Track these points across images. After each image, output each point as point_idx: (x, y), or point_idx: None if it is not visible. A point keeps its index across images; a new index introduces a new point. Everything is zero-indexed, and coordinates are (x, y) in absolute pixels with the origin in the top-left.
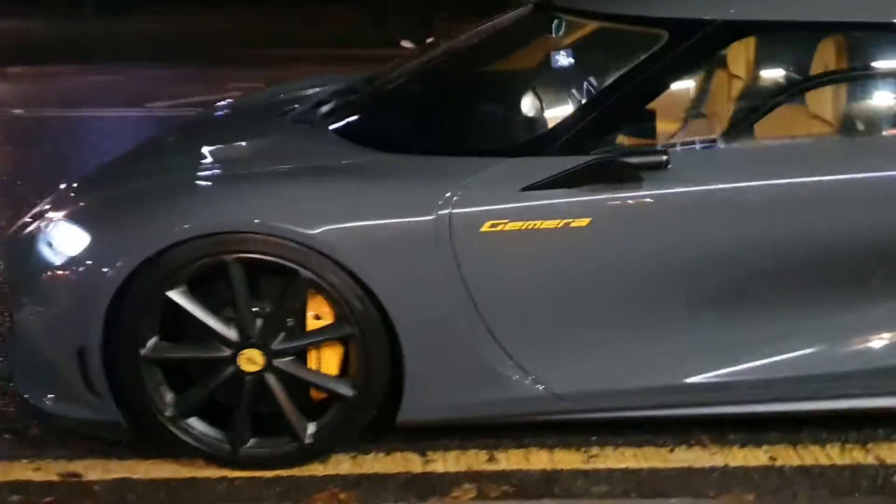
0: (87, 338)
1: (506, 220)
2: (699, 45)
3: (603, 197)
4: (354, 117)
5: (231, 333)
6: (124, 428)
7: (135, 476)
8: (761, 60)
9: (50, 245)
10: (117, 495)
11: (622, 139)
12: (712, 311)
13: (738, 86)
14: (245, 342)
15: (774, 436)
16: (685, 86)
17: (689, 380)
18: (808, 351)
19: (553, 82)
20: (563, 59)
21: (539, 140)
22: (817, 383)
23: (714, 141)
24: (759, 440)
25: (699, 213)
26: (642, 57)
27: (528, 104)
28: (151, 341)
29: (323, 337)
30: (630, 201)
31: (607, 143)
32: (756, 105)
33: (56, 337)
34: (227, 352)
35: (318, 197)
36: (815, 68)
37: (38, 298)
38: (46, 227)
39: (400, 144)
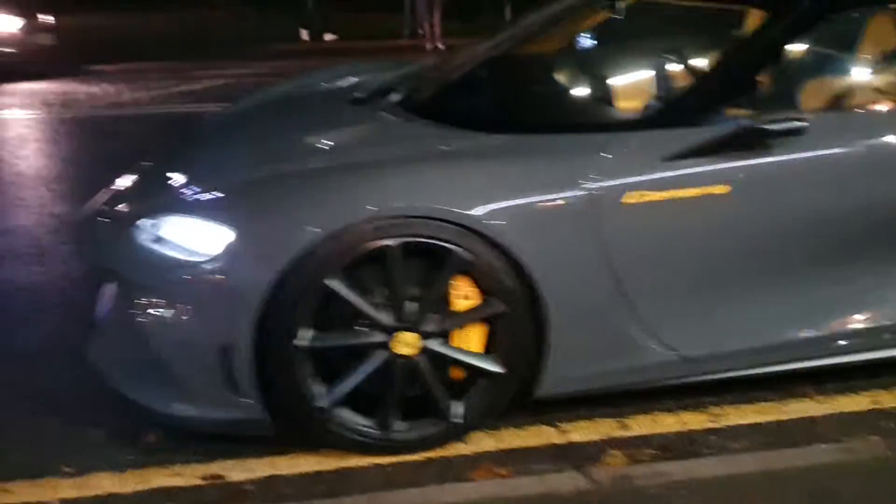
0: (235, 335)
1: (646, 191)
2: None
3: (743, 164)
4: (454, 102)
5: (385, 318)
6: (268, 424)
7: (281, 472)
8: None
9: (164, 242)
10: (273, 493)
11: (749, 108)
12: (830, 267)
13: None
14: (400, 326)
15: (864, 383)
16: (808, 55)
17: (805, 334)
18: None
19: (670, 57)
20: (675, 36)
21: (673, 111)
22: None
23: (841, 108)
24: (853, 388)
25: (833, 176)
26: (762, 29)
27: (656, 78)
28: (305, 332)
29: (476, 316)
30: (770, 167)
31: (735, 111)
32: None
33: (195, 338)
34: (381, 337)
35: (468, 179)
36: None
37: (168, 299)
38: (153, 224)
39: (517, 126)
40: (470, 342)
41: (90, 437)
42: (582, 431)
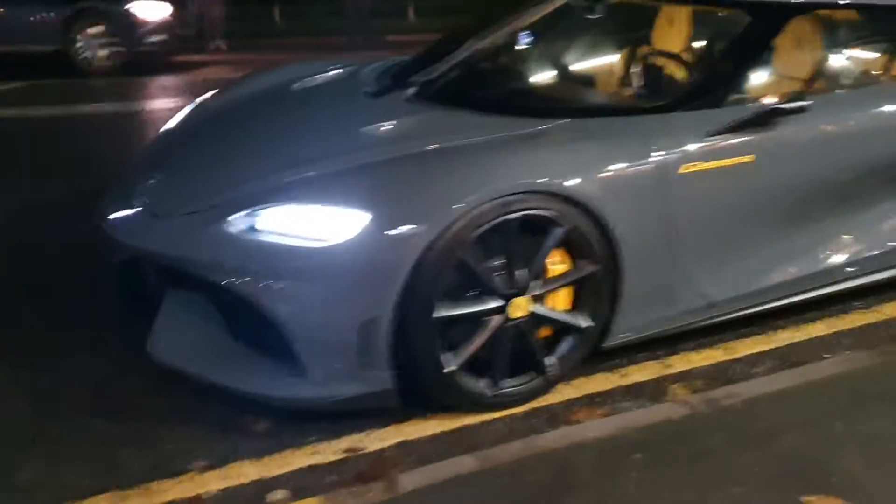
0: (378, 312)
1: (696, 162)
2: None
3: (763, 137)
4: (494, 92)
5: (502, 286)
6: (395, 395)
7: (410, 437)
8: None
9: (270, 232)
10: (413, 455)
11: (759, 92)
12: (828, 211)
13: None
14: (513, 292)
15: (861, 302)
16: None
17: (818, 267)
18: (872, 235)
19: (697, 50)
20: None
21: (701, 96)
22: (879, 258)
23: (832, 89)
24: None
25: (827, 143)
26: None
27: (691, 67)
28: (441, 304)
29: (570, 278)
30: (783, 138)
31: (751, 96)
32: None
33: (334, 318)
34: (499, 303)
35: (564, 157)
36: None
37: (300, 286)
38: (248, 216)
39: (568, 112)
40: (559, 302)
41: (200, 433)
42: (637, 374)
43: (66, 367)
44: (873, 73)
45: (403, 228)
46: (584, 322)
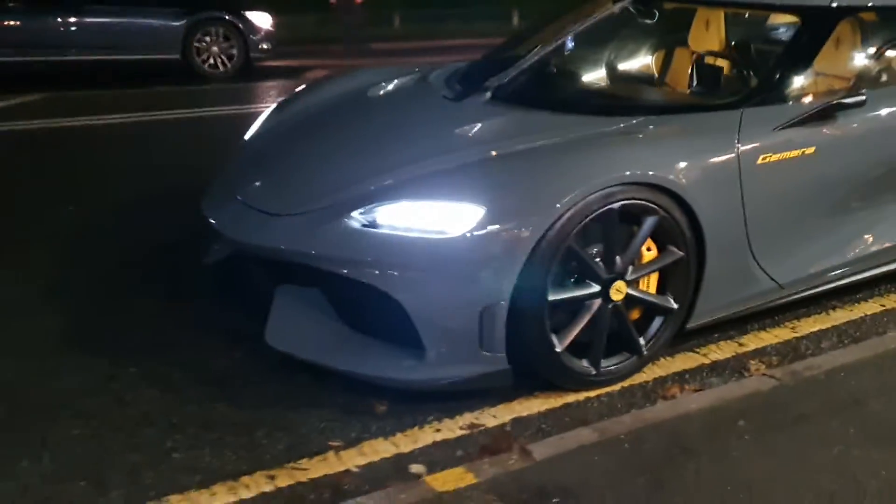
0: (497, 297)
1: (771, 153)
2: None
3: (823, 129)
4: (567, 93)
5: (603, 271)
6: (509, 374)
7: (522, 414)
8: None
9: (389, 226)
10: (532, 430)
11: (815, 88)
12: (878, 198)
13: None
14: (613, 277)
15: None
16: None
17: (871, 249)
18: None
19: (760, 53)
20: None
21: (772, 95)
22: None
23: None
24: None
25: (882, 134)
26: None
27: (757, 69)
28: (551, 289)
29: (661, 264)
30: (841, 130)
31: (809, 92)
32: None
33: (457, 304)
34: (600, 287)
35: (656, 151)
36: None
37: (426, 275)
38: (365, 212)
39: (647, 110)
40: (649, 286)
41: (327, 415)
42: (716, 353)
43: (182, 358)
44: None
45: (518, 220)
46: (672, 304)
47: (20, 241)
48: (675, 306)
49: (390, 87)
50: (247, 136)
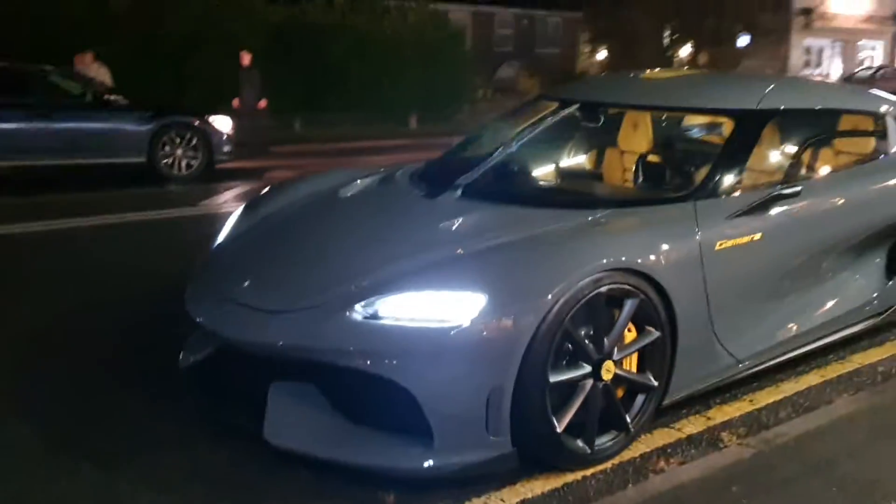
0: (501, 381)
1: (726, 240)
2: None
3: (769, 216)
4: (532, 190)
5: (594, 352)
6: (514, 458)
7: (528, 496)
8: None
9: (390, 318)
10: None
11: (757, 180)
12: (818, 274)
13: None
14: (602, 357)
15: (834, 355)
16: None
17: (812, 324)
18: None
19: (701, 151)
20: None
21: (719, 188)
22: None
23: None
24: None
25: (815, 218)
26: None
27: (707, 168)
28: (550, 371)
29: (641, 343)
30: (781, 217)
31: (749, 185)
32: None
33: (465, 390)
34: (590, 368)
35: (633, 239)
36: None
37: (432, 365)
38: (366, 305)
39: (611, 203)
40: (631, 366)
41: None
42: (689, 427)
43: (175, 457)
44: (833, 163)
45: (520, 305)
46: (652, 382)
47: None
48: (655, 383)
49: (361, 186)
50: (220, 239)
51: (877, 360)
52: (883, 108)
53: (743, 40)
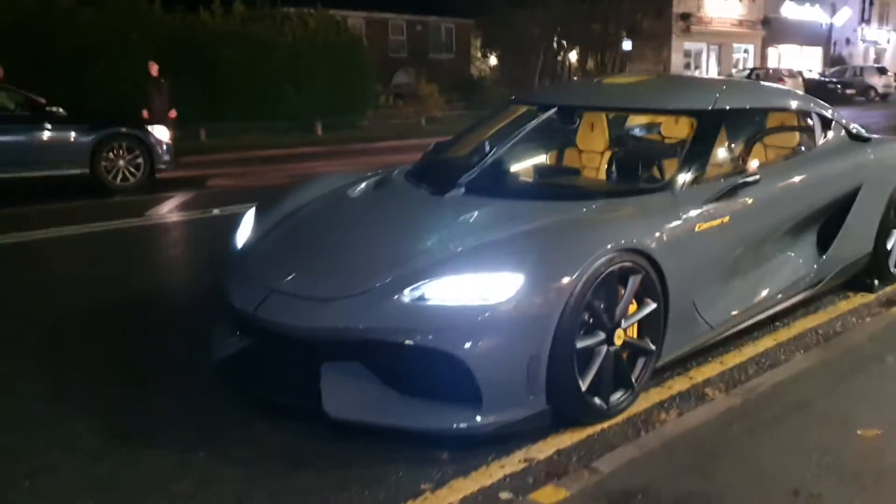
0: (540, 348)
1: (703, 222)
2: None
3: (734, 202)
4: (528, 185)
5: (609, 322)
6: (548, 414)
7: (561, 446)
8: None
9: (436, 298)
10: (576, 457)
11: (720, 170)
12: (774, 249)
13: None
14: (614, 326)
15: (780, 322)
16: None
17: (764, 293)
18: (798, 263)
19: (650, 148)
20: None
21: (692, 179)
22: (805, 279)
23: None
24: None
25: (770, 202)
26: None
27: (672, 161)
28: (578, 336)
29: (641, 314)
30: (743, 203)
31: (716, 175)
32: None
33: (509, 357)
34: (605, 335)
35: (632, 223)
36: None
37: (481, 336)
38: (414, 289)
39: (601, 195)
40: (633, 333)
41: (404, 467)
42: (676, 386)
43: (237, 440)
44: (782, 152)
45: (552, 285)
46: (650, 346)
47: None
48: (653, 347)
49: (365, 188)
50: (240, 239)
51: (816, 325)
52: (809, 106)
53: (626, 45)
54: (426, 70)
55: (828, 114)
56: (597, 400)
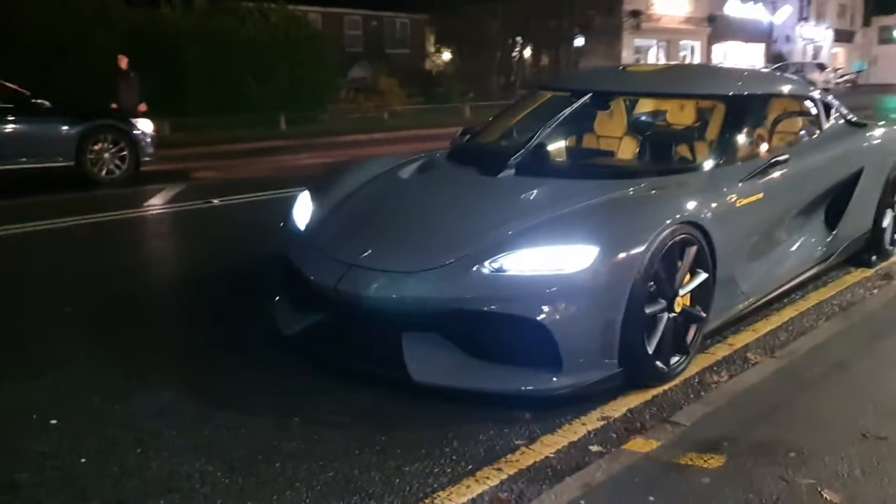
0: (614, 315)
1: (741, 198)
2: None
3: (767, 180)
4: (577, 166)
5: (670, 290)
6: (620, 377)
7: (631, 406)
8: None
9: (514, 270)
10: (648, 414)
11: (750, 150)
12: (791, 230)
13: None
14: (675, 294)
15: (797, 294)
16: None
17: (787, 266)
18: (812, 240)
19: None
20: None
21: (729, 158)
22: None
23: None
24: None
25: (799, 179)
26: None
27: (703, 143)
28: (646, 305)
29: (694, 284)
30: (776, 180)
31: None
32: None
33: (588, 322)
34: (666, 303)
35: (688, 199)
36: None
37: (563, 303)
38: (492, 261)
39: (653, 172)
40: (687, 301)
41: (493, 426)
42: (720, 352)
43: (328, 406)
44: (793, 136)
45: (625, 255)
46: (703, 314)
47: None
48: (704, 315)
49: (414, 169)
50: (300, 221)
51: (830, 296)
52: (813, 94)
53: (579, 41)
54: (386, 65)
55: (829, 101)
56: (659, 363)
